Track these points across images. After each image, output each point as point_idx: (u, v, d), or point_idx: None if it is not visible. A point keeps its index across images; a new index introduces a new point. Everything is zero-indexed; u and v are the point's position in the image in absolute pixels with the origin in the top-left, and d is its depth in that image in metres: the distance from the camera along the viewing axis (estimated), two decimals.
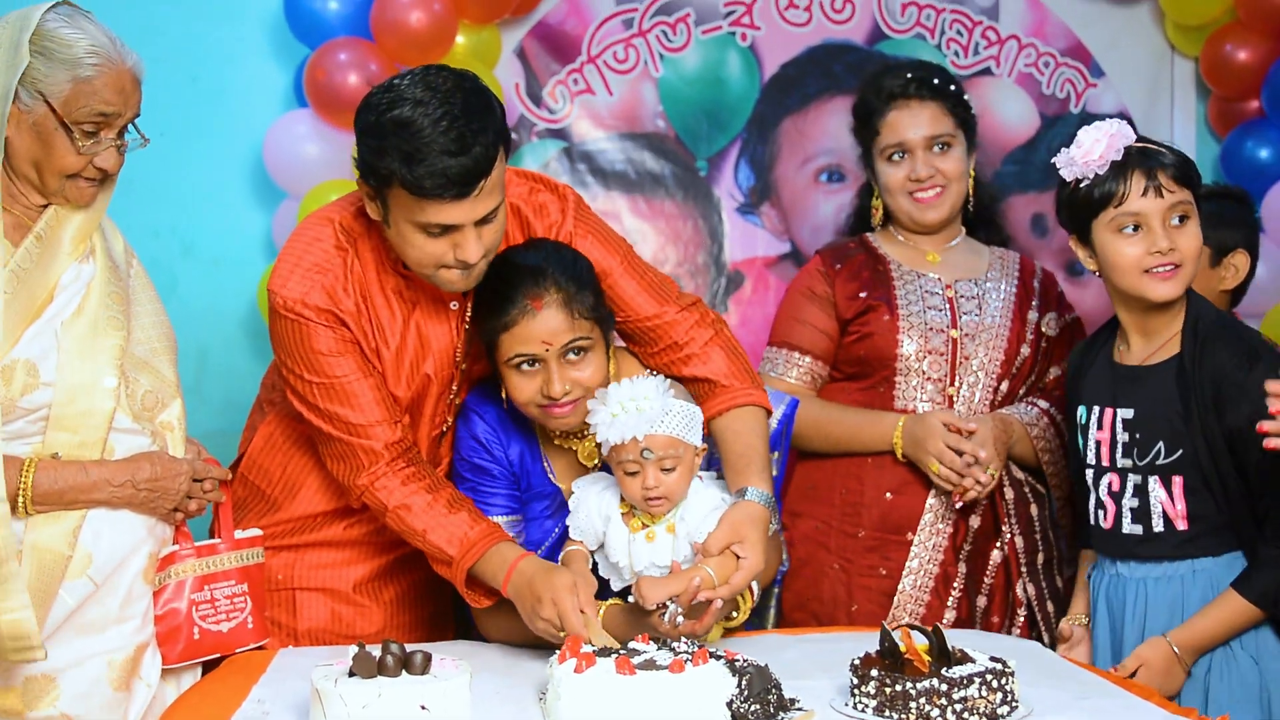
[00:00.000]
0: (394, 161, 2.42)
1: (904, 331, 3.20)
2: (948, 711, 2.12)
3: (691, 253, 4.28)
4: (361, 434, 2.65)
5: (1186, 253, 2.70)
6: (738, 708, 2.11)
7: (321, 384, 2.65)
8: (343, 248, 2.66)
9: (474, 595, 2.65)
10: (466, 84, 2.49)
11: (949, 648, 2.22)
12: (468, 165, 2.42)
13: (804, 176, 4.29)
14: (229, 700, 2.29)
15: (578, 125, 4.22)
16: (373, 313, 2.67)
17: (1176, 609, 2.69)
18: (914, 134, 3.24)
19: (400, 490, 2.65)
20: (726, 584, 2.46)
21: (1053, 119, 4.32)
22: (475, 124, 2.43)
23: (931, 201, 3.26)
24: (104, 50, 2.34)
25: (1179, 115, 4.40)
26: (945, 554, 3.18)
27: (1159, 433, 2.70)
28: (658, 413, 2.50)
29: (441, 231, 2.49)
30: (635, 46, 4.22)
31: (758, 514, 2.55)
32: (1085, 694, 2.31)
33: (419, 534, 2.63)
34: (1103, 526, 2.79)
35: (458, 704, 2.09)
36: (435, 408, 2.79)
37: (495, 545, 2.59)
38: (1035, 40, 4.34)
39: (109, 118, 2.34)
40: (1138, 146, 2.74)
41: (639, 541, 2.57)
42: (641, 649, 2.23)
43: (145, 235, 4.02)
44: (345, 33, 3.94)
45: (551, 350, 2.59)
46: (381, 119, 2.45)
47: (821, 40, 4.28)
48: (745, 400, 2.76)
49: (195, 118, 4.09)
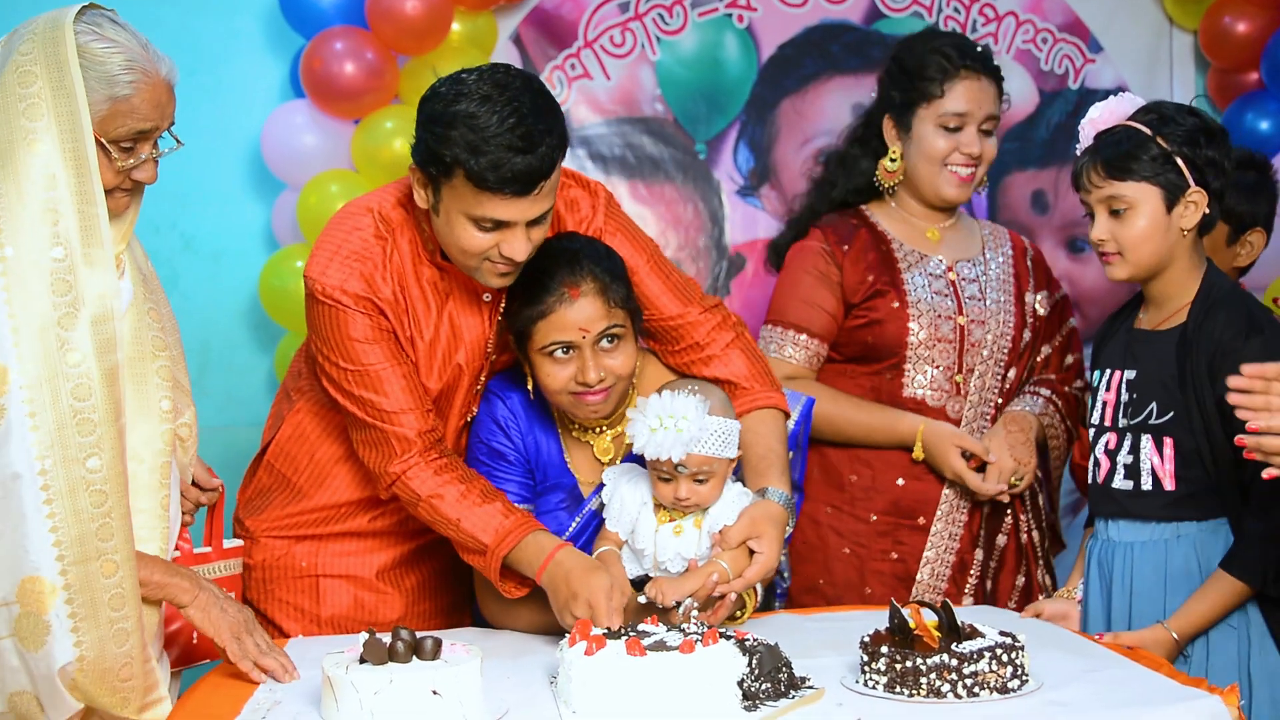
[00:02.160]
0: (460, 151, 2.43)
1: (914, 319, 3.18)
2: (958, 686, 2.12)
3: (692, 236, 4.28)
4: (394, 421, 2.66)
5: (1125, 241, 2.74)
6: (748, 687, 2.11)
7: (355, 371, 2.65)
8: (382, 236, 2.67)
9: (506, 585, 2.65)
10: (535, 85, 2.52)
11: (958, 623, 2.22)
12: (533, 164, 2.44)
13: (803, 157, 4.28)
14: (241, 690, 2.29)
15: (576, 110, 4.21)
16: (409, 302, 2.68)
17: (1160, 574, 2.72)
18: (978, 108, 3.18)
19: (433, 480, 2.65)
20: (740, 577, 2.51)
21: (1051, 95, 4.32)
22: (542, 124, 2.46)
23: (967, 180, 3.22)
24: (139, 63, 2.23)
25: (1178, 89, 4.39)
26: (961, 542, 3.19)
27: (1153, 394, 2.74)
28: (695, 433, 2.51)
29: (493, 226, 2.50)
30: (632, 30, 4.21)
31: (776, 513, 2.60)
32: (1095, 666, 2.31)
33: (453, 523, 2.63)
34: (1097, 482, 2.84)
35: (469, 689, 2.09)
36: (464, 398, 2.81)
37: (532, 533, 2.60)
38: (1033, 16, 4.33)
39: (146, 133, 2.26)
40: (1102, 133, 2.80)
41: (666, 533, 2.61)
42: (651, 630, 2.23)
43: (145, 231, 3.97)
44: (340, 22, 3.94)
45: (588, 337, 2.60)
46: (449, 109, 2.46)
47: (819, 20, 4.28)
48: (765, 403, 2.80)
49: (192, 111, 3.99)
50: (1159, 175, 2.71)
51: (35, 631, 2.12)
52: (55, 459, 2.12)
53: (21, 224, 2.13)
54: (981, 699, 2.12)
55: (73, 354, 2.14)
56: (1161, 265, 2.76)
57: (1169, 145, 2.71)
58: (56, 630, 2.11)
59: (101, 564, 2.14)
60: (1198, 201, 2.72)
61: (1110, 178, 2.74)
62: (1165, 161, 2.71)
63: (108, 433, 2.16)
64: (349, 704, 2.05)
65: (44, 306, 2.13)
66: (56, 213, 2.15)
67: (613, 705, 2.08)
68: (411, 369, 2.69)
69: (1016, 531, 3.24)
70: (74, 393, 2.13)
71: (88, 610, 2.13)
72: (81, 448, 2.14)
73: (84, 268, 2.16)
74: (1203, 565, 2.69)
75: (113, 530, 2.16)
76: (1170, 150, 2.71)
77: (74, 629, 2.13)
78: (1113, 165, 2.74)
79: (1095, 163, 2.76)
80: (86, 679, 2.14)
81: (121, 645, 2.16)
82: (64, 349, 2.13)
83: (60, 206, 2.15)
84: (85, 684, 2.15)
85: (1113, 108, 2.80)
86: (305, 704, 2.20)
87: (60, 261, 2.15)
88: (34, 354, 2.12)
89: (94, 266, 2.17)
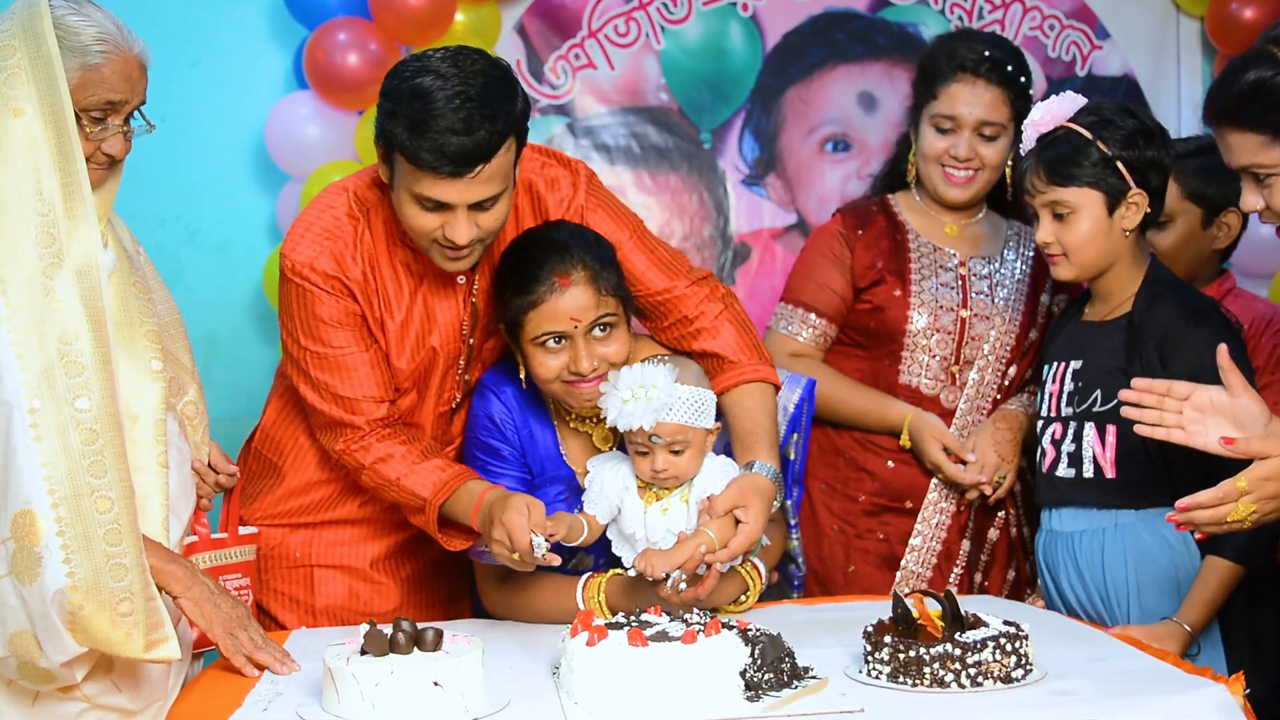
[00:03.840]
0: (400, 127, 2.45)
1: (914, 308, 3.20)
2: (962, 676, 2.12)
3: (697, 226, 4.27)
4: (347, 407, 2.68)
5: (1069, 244, 2.79)
6: (751, 677, 2.11)
7: (317, 353, 2.67)
8: (355, 216, 2.68)
9: (448, 537, 2.67)
10: (494, 72, 2.51)
11: (962, 613, 2.21)
12: (467, 146, 2.43)
13: (809, 146, 4.27)
14: (243, 681, 2.29)
15: (580, 100, 4.20)
16: (380, 283, 2.68)
17: (1098, 560, 2.77)
18: (969, 112, 3.17)
19: (377, 446, 2.68)
20: (726, 548, 2.49)
21: (1059, 82, 4.29)
22: (488, 109, 2.45)
23: (962, 183, 3.22)
24: (112, 38, 2.32)
25: (1185, 76, 4.38)
26: (948, 532, 3.21)
27: (1098, 382, 2.77)
28: (665, 401, 2.52)
29: (434, 207, 2.50)
30: (636, 20, 4.20)
31: (763, 485, 2.57)
32: (1100, 656, 2.30)
33: (394, 483, 2.66)
34: (1042, 470, 2.88)
35: (471, 680, 2.08)
36: (443, 383, 2.79)
37: (467, 482, 2.62)
38: (1040, 3, 4.32)
39: (116, 105, 2.33)
40: (1044, 136, 2.83)
41: (654, 513, 2.60)
42: (654, 621, 2.23)
43: (151, 223, 4.03)
44: (344, 13, 3.94)
45: (580, 326, 2.59)
46: (402, 84, 2.48)
47: (823, 8, 4.26)
48: (753, 376, 2.77)
49: (196, 103, 4.08)
50: (1100, 180, 2.76)
51: (29, 564, 2.14)
52: (44, 399, 2.16)
53: (5, 181, 2.21)
54: (985, 689, 2.12)
55: (58, 301, 2.19)
56: (1106, 264, 2.81)
57: (1109, 149, 2.76)
58: (48, 561, 2.13)
59: (95, 500, 2.16)
60: (1139, 203, 2.78)
61: (1052, 183, 2.78)
62: (1106, 166, 2.76)
63: (96, 374, 2.20)
64: (350, 695, 2.05)
65: (30, 257, 2.20)
66: (39, 171, 2.22)
67: (615, 696, 2.07)
68: (377, 356, 2.70)
69: (1008, 526, 3.25)
70: (60, 336, 2.18)
71: (80, 543, 2.15)
72: (70, 389, 2.18)
73: (66, 220, 2.22)
74: (1135, 555, 2.72)
75: (105, 468, 2.18)
76: (1110, 155, 2.75)
77: (65, 560, 2.14)
78: (1055, 171, 2.78)
79: (1038, 167, 2.80)
80: (85, 611, 2.14)
81: (120, 580, 2.17)
82: (49, 296, 2.19)
83: (42, 165, 2.22)
84: (84, 618, 2.15)
85: (1054, 109, 2.82)
86: (307, 695, 2.20)
87: (44, 216, 2.21)
88: (20, 301, 2.18)
89: (77, 220, 2.23)
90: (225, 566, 2.70)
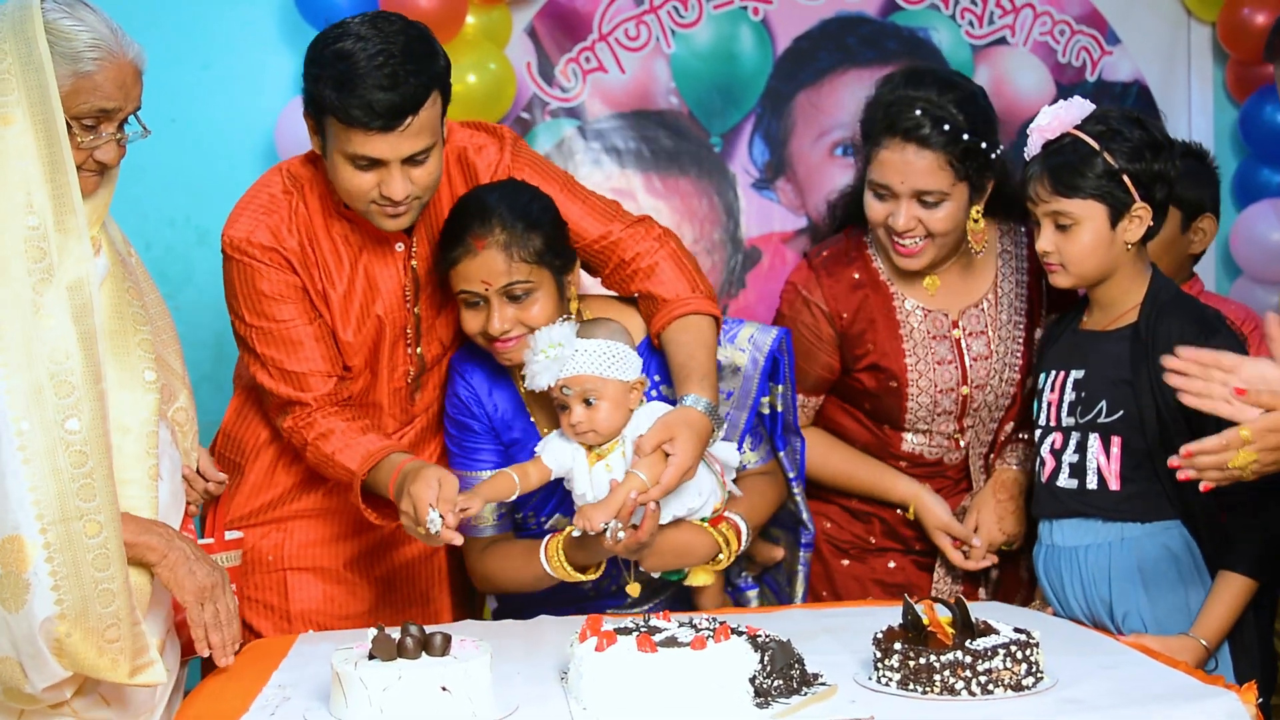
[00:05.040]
0: (327, 89, 2.53)
1: (913, 397, 3.06)
2: (972, 684, 2.11)
3: (708, 230, 4.26)
4: (295, 383, 2.72)
5: (1069, 255, 2.74)
6: (760, 683, 2.10)
7: (262, 328, 2.72)
8: (289, 191, 2.75)
9: (369, 511, 2.71)
10: (413, 31, 2.61)
11: (972, 620, 2.20)
12: (395, 100, 2.51)
13: (819, 151, 4.27)
14: (250, 686, 2.29)
15: (590, 104, 4.20)
16: (319, 255, 2.74)
17: (1104, 576, 2.74)
18: (900, 182, 2.88)
19: (321, 422, 2.72)
20: (658, 484, 2.53)
21: (1069, 88, 4.27)
22: (411, 65, 2.54)
23: (909, 253, 2.95)
24: (105, 43, 2.26)
25: (1196, 81, 4.37)
26: (965, 584, 3.16)
27: (1103, 392, 2.74)
28: (568, 355, 2.61)
29: (369, 165, 2.57)
30: (646, 23, 4.20)
31: (693, 417, 2.59)
32: (1111, 663, 2.29)
33: (329, 458, 2.70)
34: (1040, 480, 2.84)
35: (479, 685, 2.08)
36: (393, 355, 2.83)
37: (391, 454, 2.66)
38: (1050, 8, 4.31)
39: (109, 113, 2.28)
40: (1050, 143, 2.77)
41: (599, 471, 2.65)
42: (663, 626, 2.22)
43: (161, 224, 4.04)
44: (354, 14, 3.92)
45: (490, 290, 2.66)
46: (325, 50, 2.57)
47: (834, 13, 4.25)
48: (683, 310, 2.79)
49: (207, 105, 4.09)
50: (1105, 193, 2.71)
51: (15, 591, 2.11)
52: (33, 421, 2.12)
53: None
54: (996, 696, 2.11)
55: (48, 317, 2.15)
56: (1105, 275, 2.78)
57: (1116, 162, 2.70)
58: (36, 588, 2.10)
59: (84, 524, 2.13)
60: (1142, 216, 2.73)
61: (1056, 194, 2.73)
62: (1111, 178, 2.70)
63: (87, 395, 2.16)
64: (358, 700, 2.04)
65: (18, 272, 2.15)
66: (29, 182, 2.17)
67: (624, 702, 2.06)
68: (322, 330, 2.74)
69: (1016, 568, 3.19)
70: (50, 355, 2.14)
71: (69, 569, 2.12)
72: (60, 409, 2.14)
73: (57, 234, 2.18)
74: (1142, 570, 2.70)
75: (95, 491, 2.15)
76: (1117, 167, 2.70)
77: (54, 587, 2.11)
78: (1059, 181, 2.73)
79: (1042, 176, 2.75)
80: (72, 639, 2.12)
81: (107, 605, 2.14)
82: (39, 313, 2.15)
83: (31, 176, 2.18)
84: (71, 645, 2.13)
85: (1060, 115, 2.76)
86: (314, 700, 2.19)
87: (34, 230, 2.17)
88: (8, 318, 2.13)
89: (68, 234, 2.19)
90: None
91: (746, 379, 2.89)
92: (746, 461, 2.91)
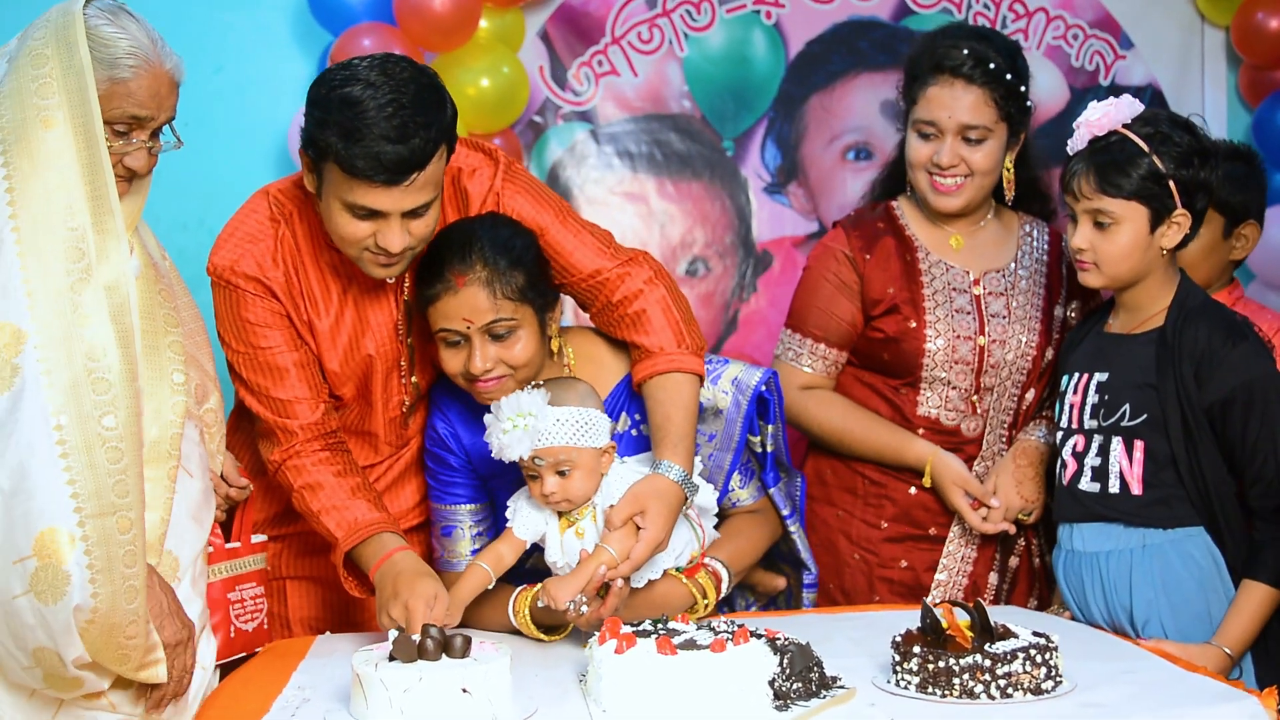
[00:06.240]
0: (333, 136, 2.43)
1: (930, 339, 3.09)
2: (991, 687, 2.11)
3: (719, 234, 4.26)
4: (281, 410, 2.68)
5: (1104, 254, 2.72)
6: (779, 686, 2.10)
7: (247, 354, 2.68)
8: (275, 219, 2.68)
9: (350, 582, 2.67)
10: (423, 79, 2.50)
11: (991, 623, 2.20)
12: (403, 154, 2.41)
13: (831, 155, 4.27)
14: (270, 687, 2.29)
15: (603, 107, 4.20)
16: (305, 285, 2.68)
17: (1125, 582, 2.71)
18: (947, 117, 3.03)
19: (310, 471, 2.67)
20: (628, 560, 2.47)
21: (1082, 91, 4.28)
22: (421, 117, 2.44)
23: (949, 191, 3.08)
24: (143, 51, 2.29)
25: (1209, 86, 4.36)
26: (975, 565, 3.15)
27: (1127, 396, 2.72)
28: (543, 427, 2.50)
29: (367, 215, 2.48)
30: (659, 27, 4.20)
31: (663, 487, 2.53)
32: (1131, 668, 2.29)
33: (315, 515, 2.65)
34: (1061, 483, 2.82)
35: (499, 687, 2.08)
36: (387, 387, 2.79)
37: (381, 533, 2.61)
38: (1064, 12, 4.31)
39: (141, 120, 2.30)
40: (1097, 139, 2.74)
41: (570, 538, 2.57)
42: (681, 629, 2.22)
43: (173, 228, 4.03)
44: (368, 18, 3.94)
45: (473, 328, 2.57)
46: (332, 93, 2.46)
47: (847, 17, 4.26)
48: (666, 367, 2.69)
49: (220, 108, 4.09)
50: (1149, 195, 2.68)
51: (54, 583, 2.12)
52: (71, 415, 2.14)
53: (35, 195, 2.18)
54: (1015, 700, 2.11)
55: (86, 316, 2.17)
56: (1137, 279, 2.75)
57: (1164, 165, 2.67)
58: (76, 580, 2.11)
59: (118, 520, 2.15)
60: (1181, 223, 2.71)
61: (1101, 191, 2.70)
62: (1157, 181, 2.68)
63: (124, 392, 2.18)
64: (378, 702, 2.05)
65: (58, 272, 2.17)
66: (68, 184, 2.19)
67: (643, 704, 2.07)
68: (308, 357, 2.69)
69: (1029, 555, 3.19)
70: (88, 353, 2.16)
71: (104, 564, 2.13)
72: (97, 405, 2.15)
73: (95, 235, 2.20)
74: (1164, 578, 2.68)
75: (128, 488, 2.17)
76: (1164, 171, 2.68)
77: (91, 580, 2.12)
78: (1105, 178, 2.70)
79: (1088, 172, 2.72)
80: (94, 633, 2.14)
81: (131, 602, 2.16)
82: (77, 312, 2.17)
83: (70, 178, 2.20)
84: (91, 638, 2.14)
85: (1111, 112, 2.73)
86: (334, 701, 2.20)
87: (74, 230, 2.19)
88: (48, 317, 2.15)
89: (105, 235, 2.21)
90: (240, 576, 2.69)
91: (729, 421, 2.82)
92: (737, 498, 2.87)
